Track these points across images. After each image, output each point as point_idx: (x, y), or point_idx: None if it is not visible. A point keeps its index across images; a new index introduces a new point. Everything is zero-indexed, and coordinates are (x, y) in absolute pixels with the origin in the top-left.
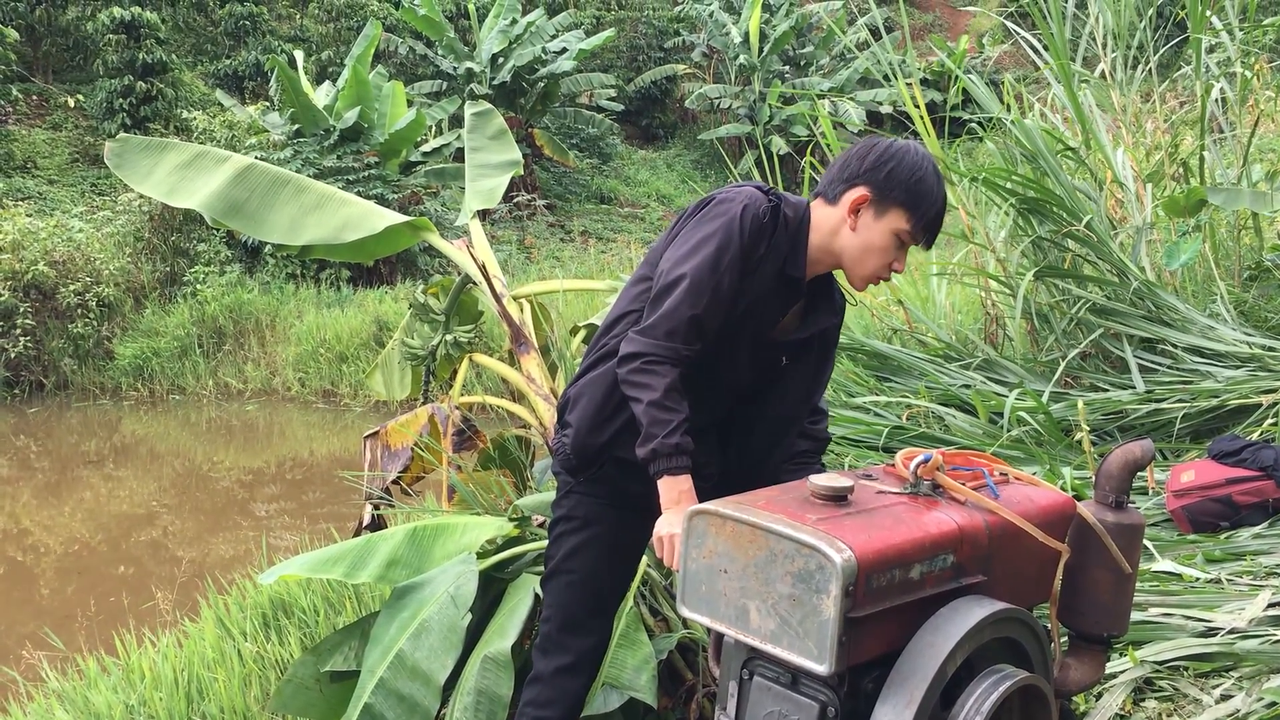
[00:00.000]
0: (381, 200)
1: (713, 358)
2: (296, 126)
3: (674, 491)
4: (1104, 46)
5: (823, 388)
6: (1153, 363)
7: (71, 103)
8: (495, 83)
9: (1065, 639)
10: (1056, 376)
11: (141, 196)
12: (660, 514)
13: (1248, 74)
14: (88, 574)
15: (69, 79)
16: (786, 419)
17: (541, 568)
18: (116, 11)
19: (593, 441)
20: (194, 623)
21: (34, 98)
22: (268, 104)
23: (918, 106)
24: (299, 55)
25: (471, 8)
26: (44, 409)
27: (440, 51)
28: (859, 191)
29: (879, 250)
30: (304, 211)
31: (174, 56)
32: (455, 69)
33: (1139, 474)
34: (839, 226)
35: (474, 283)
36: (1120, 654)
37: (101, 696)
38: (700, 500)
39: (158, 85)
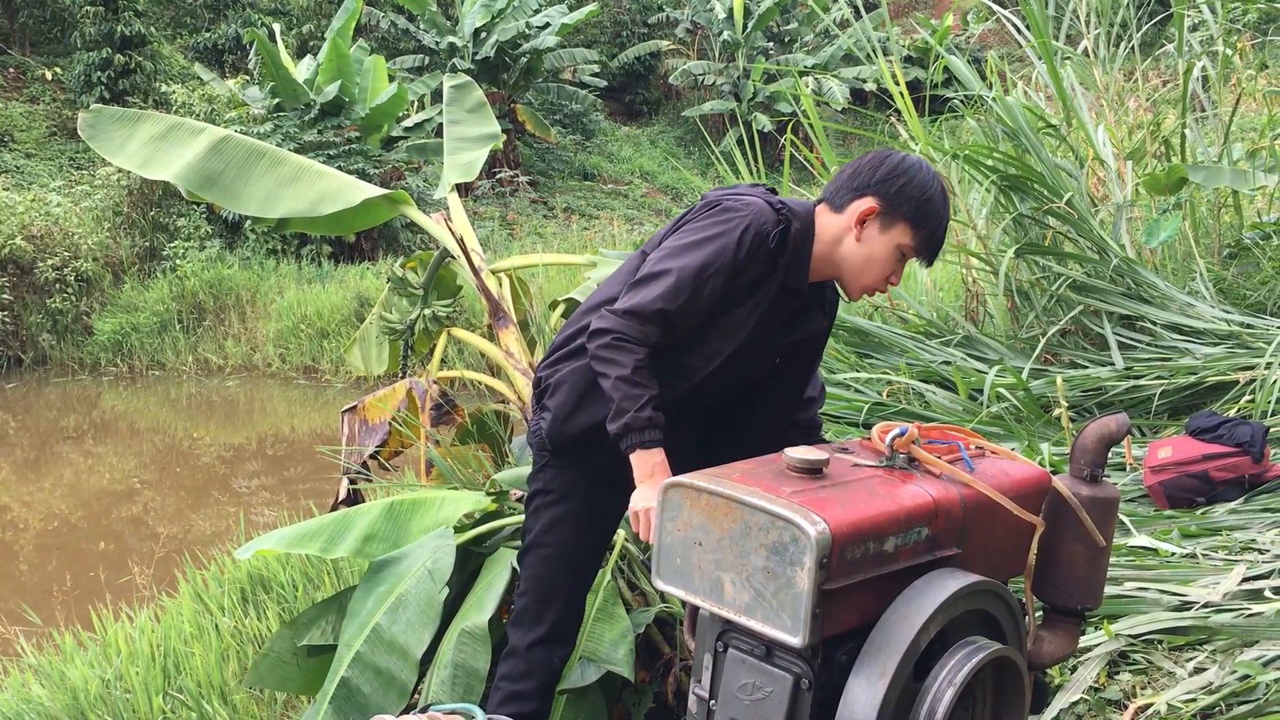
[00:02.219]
0: (363, 175)
1: (705, 358)
2: (277, 101)
3: (647, 465)
4: (1087, 24)
5: (812, 378)
6: (1132, 340)
7: (49, 75)
8: (478, 58)
9: (1039, 612)
10: (1036, 353)
11: (120, 170)
12: (635, 488)
13: (1229, 53)
14: (66, 550)
15: (46, 51)
16: (776, 414)
17: (519, 542)
18: None
19: (570, 429)
20: (172, 598)
21: (11, 70)
22: (248, 78)
23: (898, 84)
24: (278, 28)
25: None
26: (22, 385)
27: (422, 26)
28: (868, 203)
29: (881, 262)
30: (280, 184)
31: (153, 29)
32: (437, 43)
33: (1116, 449)
34: (842, 236)
35: (452, 257)
36: (1095, 627)
37: (78, 671)
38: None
39: (136, 58)
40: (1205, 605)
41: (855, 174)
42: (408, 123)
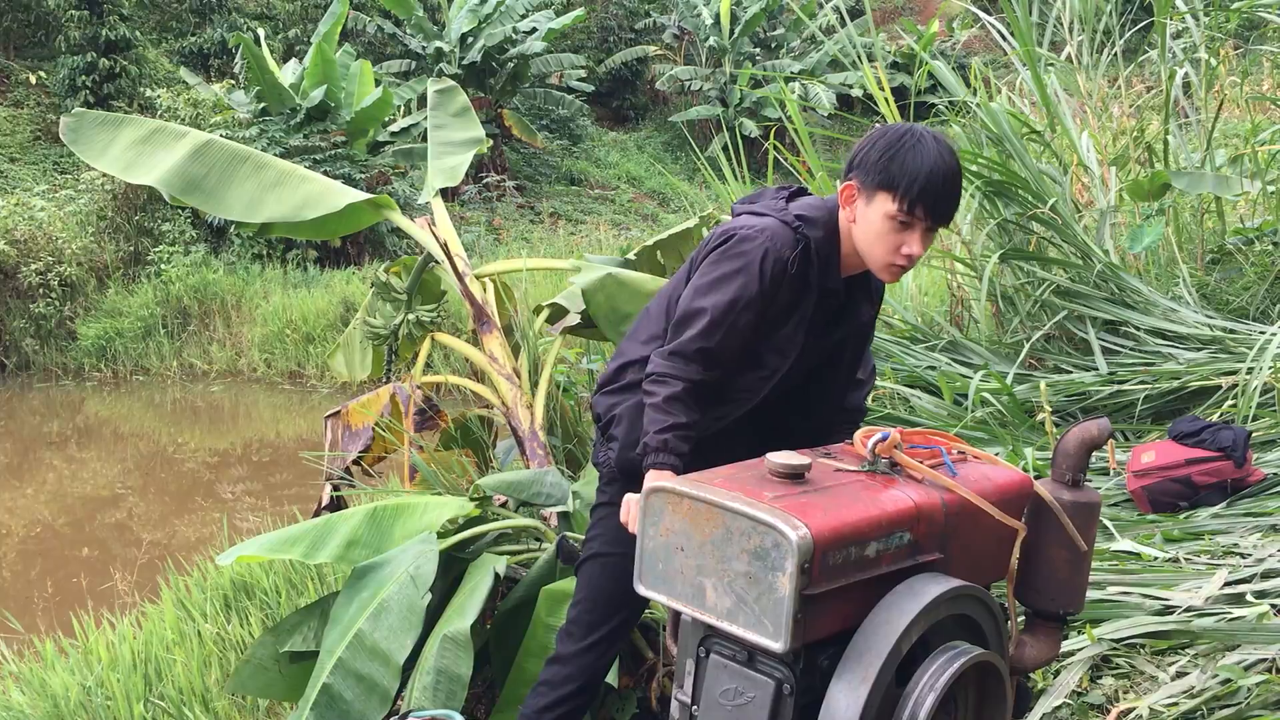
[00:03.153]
0: (348, 180)
1: (763, 378)
2: (262, 105)
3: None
4: (1070, 30)
5: (861, 387)
6: (1115, 345)
7: (33, 79)
8: (464, 62)
9: (1022, 616)
10: (1020, 358)
11: (104, 175)
12: None
13: (1212, 60)
14: (48, 556)
15: (30, 55)
16: (831, 406)
17: (502, 548)
18: None
19: (635, 455)
20: (154, 604)
21: None
22: (233, 82)
23: (883, 89)
24: (263, 33)
25: None
26: (5, 390)
27: (409, 30)
28: (847, 183)
29: (878, 237)
30: (263, 189)
31: (138, 33)
32: (424, 48)
33: (1099, 454)
34: (847, 224)
35: (437, 262)
36: (1078, 632)
37: (58, 678)
38: None
39: (121, 62)
40: (1187, 609)
41: (846, 161)
42: (394, 127)
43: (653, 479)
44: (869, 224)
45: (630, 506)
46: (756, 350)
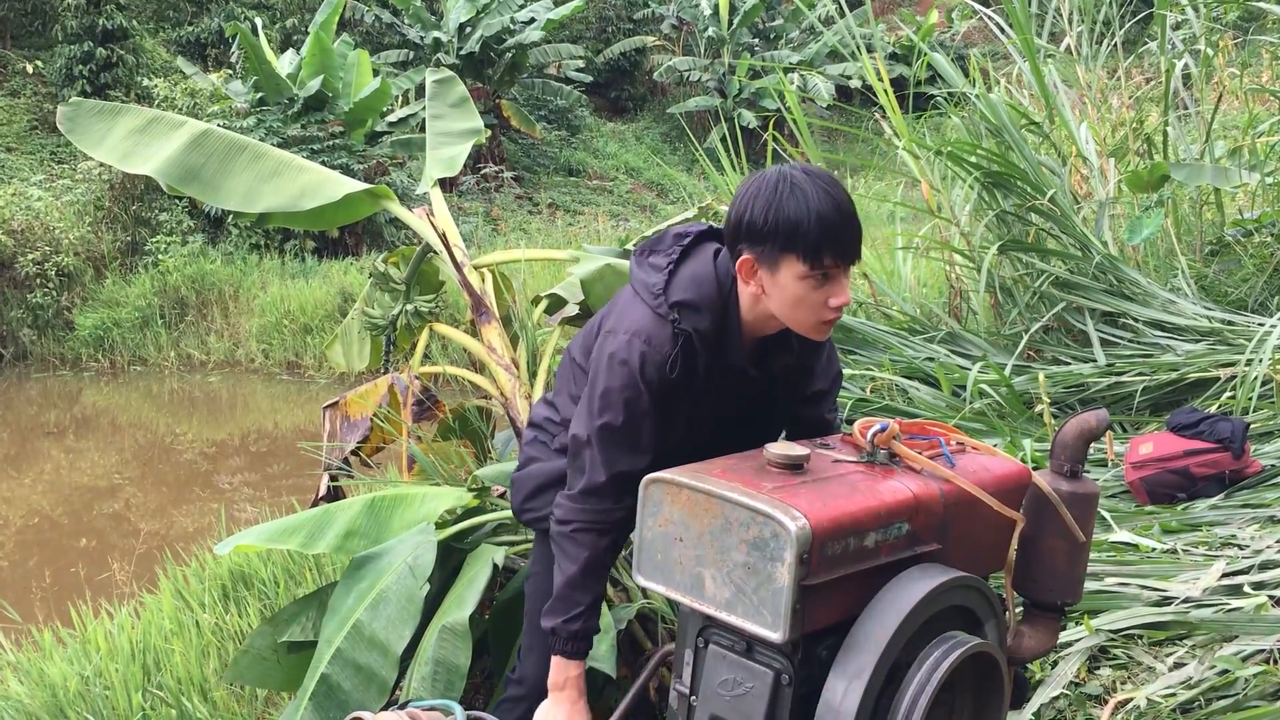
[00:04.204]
0: (347, 170)
1: (683, 448)
2: (260, 95)
3: (561, 674)
4: (1070, 22)
5: (821, 401)
6: (1114, 336)
7: (30, 69)
8: (462, 52)
9: (1020, 607)
10: (1019, 350)
11: (102, 165)
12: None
13: (1211, 51)
14: (46, 546)
15: (27, 45)
16: (777, 426)
17: (501, 538)
18: None
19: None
20: (152, 594)
21: None
22: (230, 72)
23: (882, 81)
24: (261, 22)
25: None
26: (2, 380)
27: (407, 20)
28: (743, 257)
29: (798, 301)
30: (261, 178)
31: (135, 22)
32: (422, 38)
33: (1097, 445)
34: (755, 295)
35: (435, 252)
36: (1076, 623)
37: (57, 668)
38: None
39: (118, 52)
40: (1185, 600)
41: (725, 226)
42: (392, 118)
43: (559, 666)
44: (784, 292)
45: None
46: (669, 434)
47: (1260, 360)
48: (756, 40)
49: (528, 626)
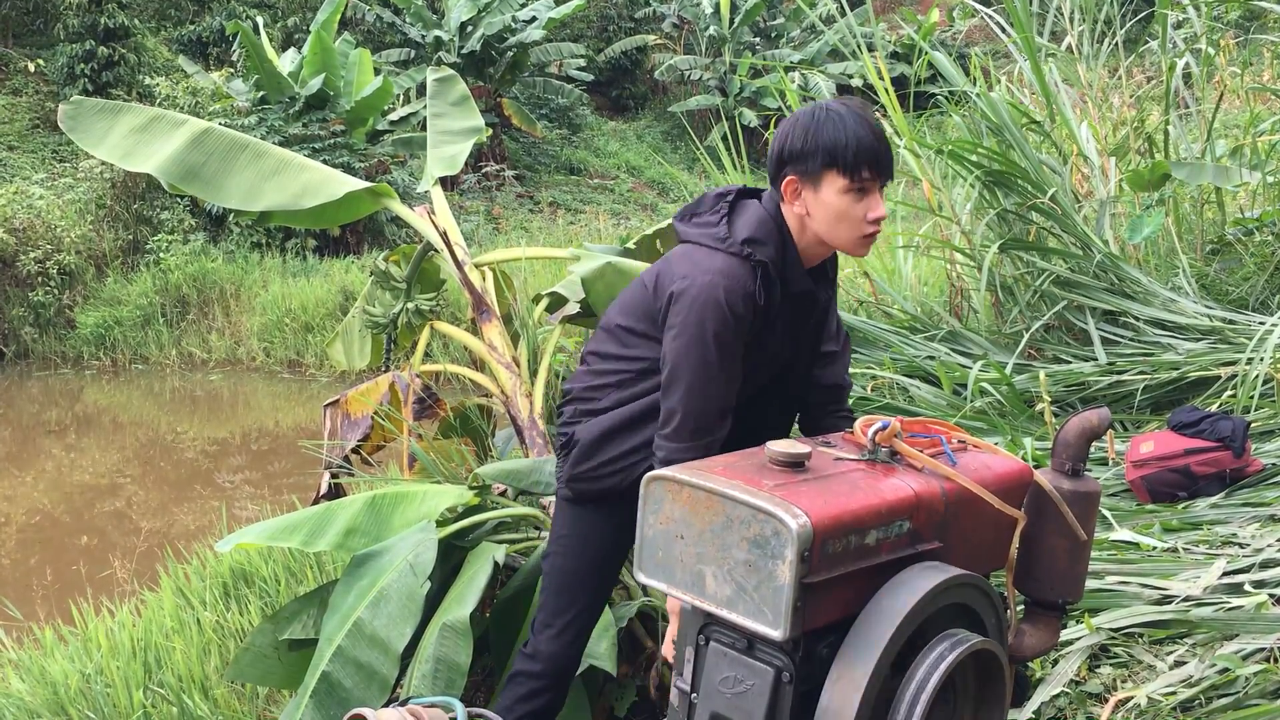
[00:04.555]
0: (348, 169)
1: (753, 385)
2: (261, 94)
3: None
4: (1071, 20)
5: (835, 361)
6: (1115, 335)
7: (32, 67)
8: (464, 51)
9: (1021, 605)
10: (1020, 348)
11: (103, 163)
12: None
13: (1212, 50)
14: (48, 544)
15: (29, 43)
16: (802, 385)
17: (501, 536)
18: None
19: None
20: (153, 592)
21: None
22: (232, 70)
23: (883, 80)
24: (262, 21)
25: None
26: (3, 378)
27: (408, 19)
28: (787, 179)
29: (840, 216)
30: (262, 177)
31: (137, 21)
32: (423, 37)
33: (1098, 443)
34: (800, 217)
35: (436, 250)
36: (1076, 621)
37: (58, 665)
38: None
39: (120, 50)
40: (1186, 599)
41: (769, 160)
42: (393, 116)
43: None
44: (826, 208)
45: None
46: (747, 371)
47: (1261, 359)
48: (758, 39)
49: (544, 603)
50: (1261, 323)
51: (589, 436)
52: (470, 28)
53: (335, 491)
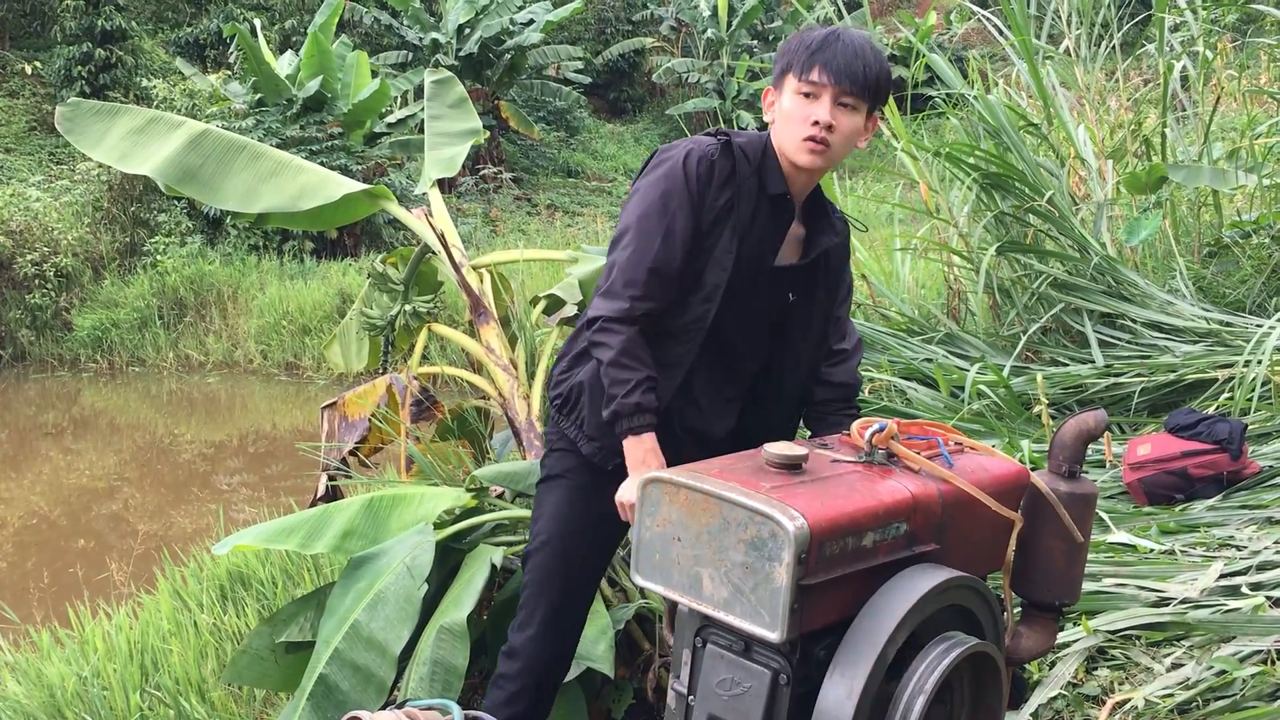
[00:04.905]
0: (345, 171)
1: (706, 299)
2: (259, 96)
3: (639, 451)
4: (1068, 23)
5: (836, 329)
6: (1112, 337)
7: (29, 70)
8: (461, 54)
9: (1018, 607)
10: (1017, 351)
11: (100, 166)
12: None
13: (1209, 53)
14: (45, 547)
15: (26, 45)
16: (802, 369)
17: (499, 539)
18: None
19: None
20: (150, 595)
21: None
22: (229, 73)
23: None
24: (260, 23)
25: None
26: (1, 381)
27: (405, 21)
28: (766, 92)
29: (787, 116)
30: (260, 179)
31: (134, 23)
32: (421, 39)
33: (1095, 446)
34: (774, 130)
35: (433, 253)
36: (1074, 623)
37: (54, 668)
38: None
39: (117, 53)
40: (1183, 601)
41: None
42: (391, 119)
43: (633, 445)
44: (782, 111)
45: (629, 508)
46: (696, 271)
47: (1258, 361)
48: (755, 42)
49: (523, 600)
50: (1259, 325)
51: (594, 377)
52: (468, 30)
53: (333, 494)
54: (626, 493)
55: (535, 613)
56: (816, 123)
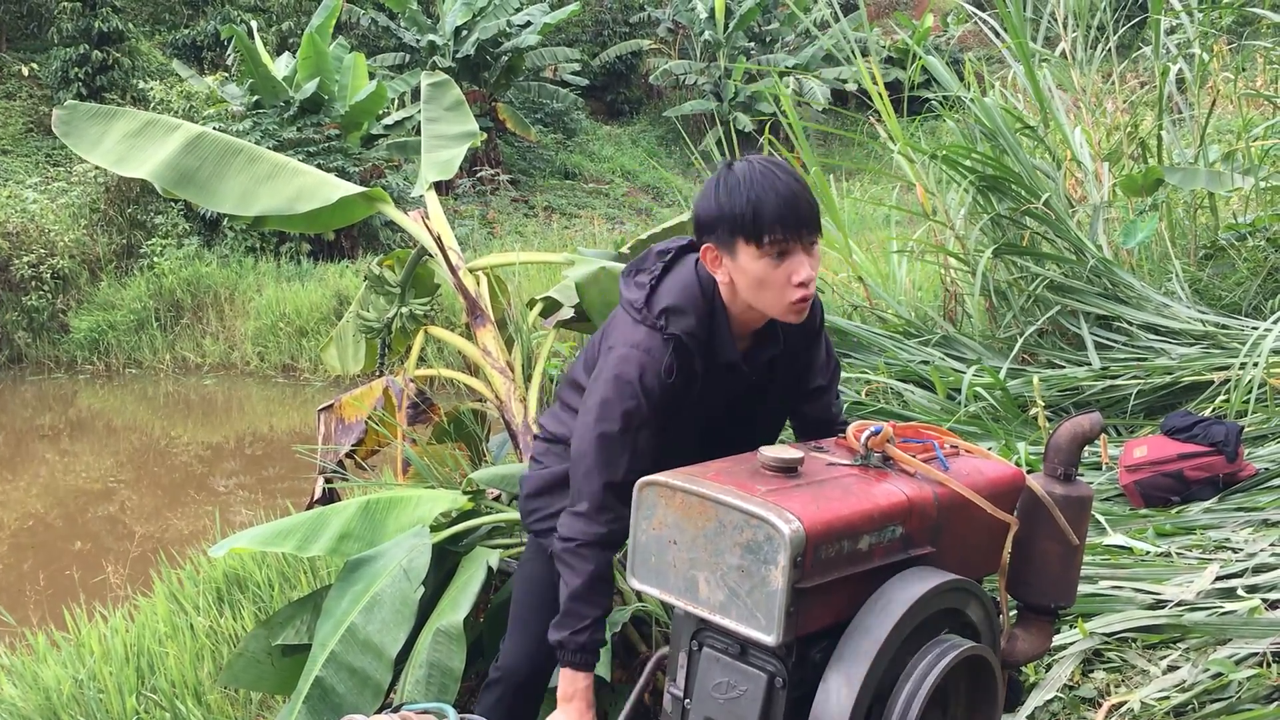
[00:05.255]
0: (342, 173)
1: (678, 452)
2: (255, 98)
3: (572, 687)
4: (1064, 26)
5: (822, 395)
6: (1108, 340)
7: (26, 71)
8: (458, 56)
9: (1014, 610)
10: (1014, 353)
11: (97, 168)
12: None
13: (1205, 56)
14: (41, 549)
15: (23, 47)
16: (771, 428)
17: (495, 541)
18: None
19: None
20: (146, 597)
21: None
22: (226, 74)
23: (877, 85)
24: (256, 25)
25: None
26: None
27: (403, 23)
28: (705, 246)
29: (760, 282)
30: (256, 181)
31: (131, 25)
32: (418, 41)
33: (1091, 448)
34: (727, 284)
35: (430, 255)
36: (1070, 626)
37: (50, 671)
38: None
39: (114, 54)
40: (1179, 604)
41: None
42: (388, 121)
43: (568, 678)
44: (746, 275)
45: None
46: (664, 442)
47: (1254, 364)
48: (752, 44)
49: (512, 615)
50: (1254, 328)
51: (529, 488)
52: (465, 32)
53: (329, 496)
54: None
55: (516, 622)
56: (803, 283)
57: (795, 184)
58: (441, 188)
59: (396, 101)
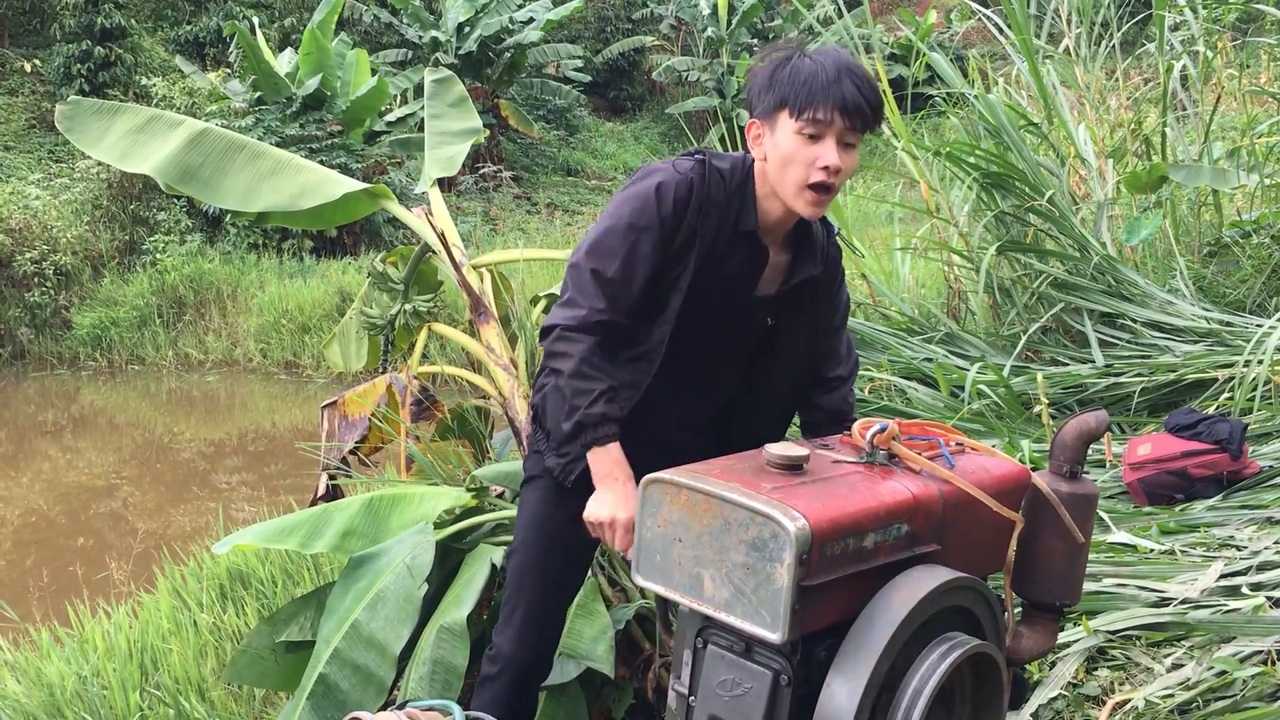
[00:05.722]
0: (345, 170)
1: (666, 322)
2: (258, 94)
3: (605, 464)
4: (1068, 23)
5: (830, 355)
6: (1112, 337)
7: (28, 68)
8: (461, 52)
9: (1019, 608)
10: (1017, 350)
11: (100, 163)
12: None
13: (1210, 53)
14: (44, 545)
15: (26, 43)
16: (784, 390)
17: (499, 539)
18: None
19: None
20: (150, 594)
21: None
22: (228, 71)
23: (879, 81)
24: (259, 21)
25: None
26: (0, 379)
27: (405, 20)
28: (751, 123)
29: (787, 158)
30: (260, 178)
31: (133, 21)
32: (420, 38)
33: (1096, 446)
34: (761, 165)
35: (433, 252)
36: (1074, 623)
37: (54, 667)
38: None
39: (117, 51)
40: (1183, 602)
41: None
42: (390, 117)
43: (598, 457)
44: (779, 151)
45: (606, 528)
46: (659, 294)
47: (1258, 361)
48: (755, 40)
49: (505, 598)
50: (1259, 325)
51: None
52: (468, 29)
53: (333, 493)
54: (600, 510)
55: (515, 613)
56: (826, 167)
57: (858, 77)
58: (445, 184)
59: (399, 98)
